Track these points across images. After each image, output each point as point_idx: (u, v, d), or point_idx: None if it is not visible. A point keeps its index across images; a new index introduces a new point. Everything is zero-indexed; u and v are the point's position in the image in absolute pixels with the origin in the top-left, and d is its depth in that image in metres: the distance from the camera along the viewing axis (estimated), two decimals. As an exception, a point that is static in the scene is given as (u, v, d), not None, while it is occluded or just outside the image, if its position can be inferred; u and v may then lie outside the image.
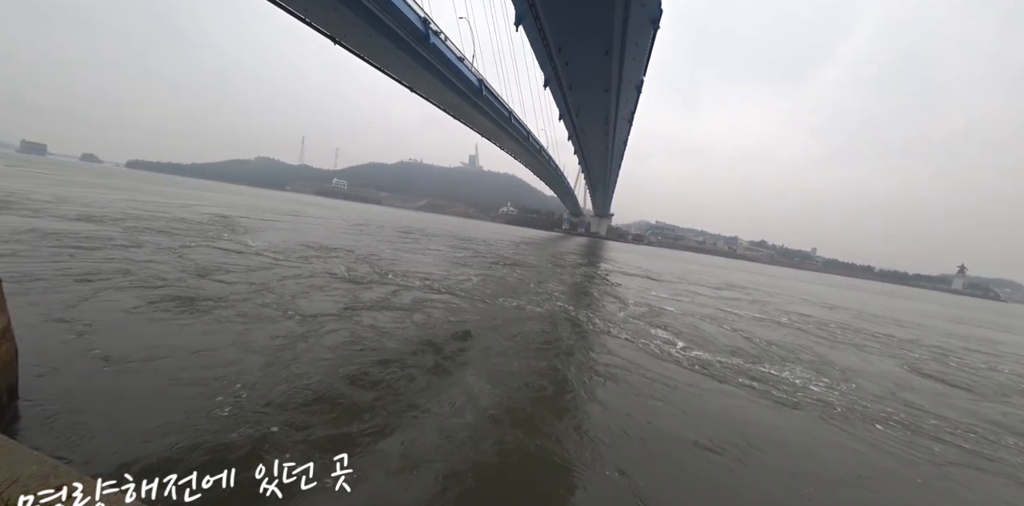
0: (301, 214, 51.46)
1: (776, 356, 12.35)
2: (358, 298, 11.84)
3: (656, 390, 8.18)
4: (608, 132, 60.17)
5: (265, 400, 5.49)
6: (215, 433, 4.63)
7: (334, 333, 8.56)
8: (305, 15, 30.11)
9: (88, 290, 9.06)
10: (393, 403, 5.98)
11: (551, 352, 9.65)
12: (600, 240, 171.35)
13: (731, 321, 17.61)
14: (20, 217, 16.81)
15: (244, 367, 6.37)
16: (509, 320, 12.11)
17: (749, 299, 28.73)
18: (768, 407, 8.31)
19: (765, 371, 10.63)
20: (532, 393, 7.12)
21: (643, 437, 6.19)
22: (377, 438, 5.03)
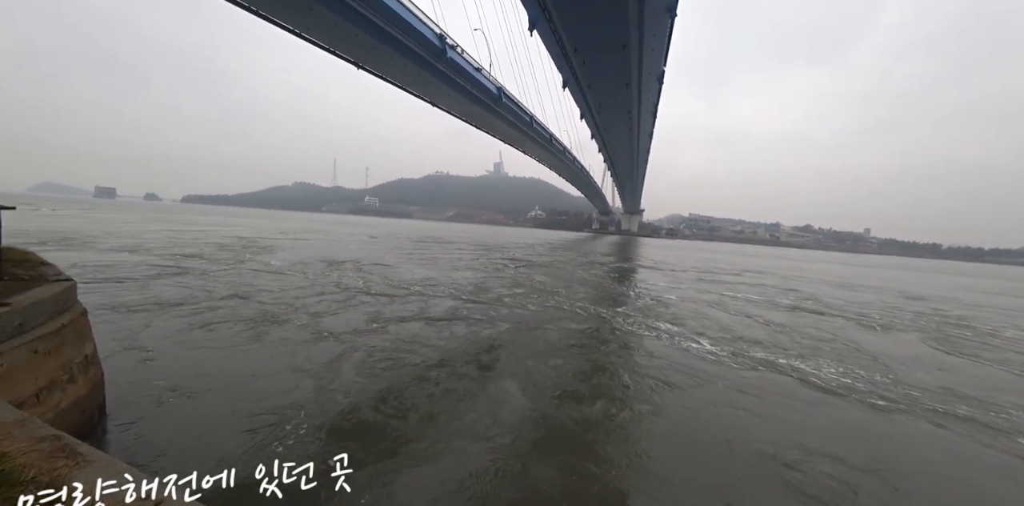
0: (329, 232, 54.13)
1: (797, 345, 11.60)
2: (379, 312, 11.97)
3: (719, 395, 7.72)
4: (632, 127, 59.03)
5: (323, 428, 5.43)
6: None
7: (365, 350, 8.56)
8: (330, 46, 31.56)
9: (141, 317, 9.71)
10: (434, 426, 5.71)
11: (589, 357, 9.41)
12: (632, 237, 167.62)
13: (739, 307, 17.40)
14: (74, 252, 18.57)
15: (296, 395, 6.34)
16: (536, 327, 11.84)
17: (761, 284, 27.68)
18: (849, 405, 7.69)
19: (806, 368, 9.94)
20: (577, 408, 6.58)
21: (733, 459, 5.46)
22: (428, 466, 4.84)
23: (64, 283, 4.54)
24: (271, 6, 25.90)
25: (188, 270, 16.38)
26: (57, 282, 4.52)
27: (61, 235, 25.72)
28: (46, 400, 3.66)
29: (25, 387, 3.42)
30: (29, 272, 4.65)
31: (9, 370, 3.26)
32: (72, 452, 2.20)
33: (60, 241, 22.42)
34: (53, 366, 3.85)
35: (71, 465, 2.10)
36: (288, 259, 22.22)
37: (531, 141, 61.19)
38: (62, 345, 4.05)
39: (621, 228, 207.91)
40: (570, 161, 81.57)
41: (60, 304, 4.23)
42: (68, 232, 28.27)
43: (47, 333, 3.81)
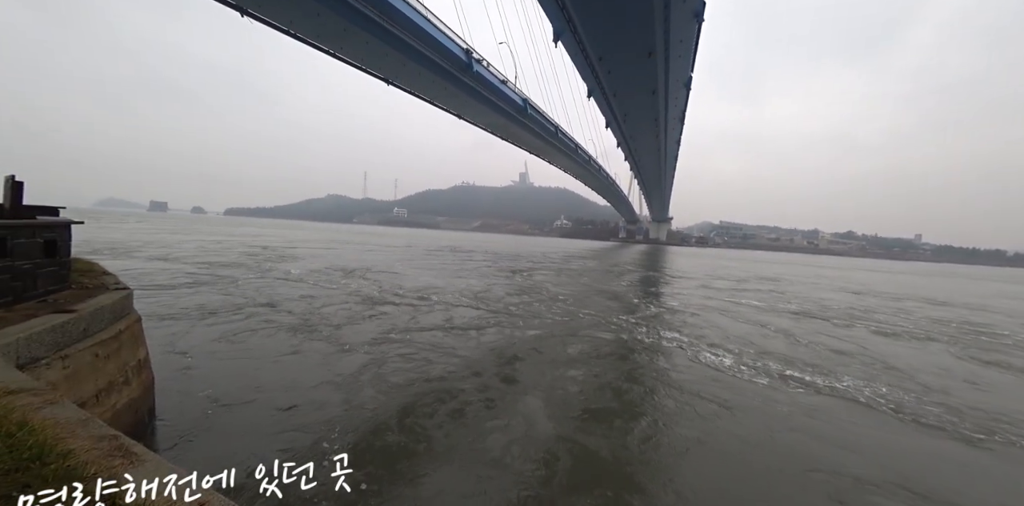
0: (356, 242, 55.91)
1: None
2: (395, 323, 12.04)
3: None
4: (659, 134, 58.28)
5: (353, 441, 5.48)
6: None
7: (386, 361, 8.57)
8: (362, 64, 32.98)
9: (183, 324, 10.20)
10: (458, 451, 5.53)
11: (620, 372, 9.09)
12: (660, 246, 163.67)
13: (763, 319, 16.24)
14: (118, 260, 19.98)
15: (326, 408, 6.39)
16: (562, 337, 11.65)
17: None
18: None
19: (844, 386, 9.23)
20: (609, 432, 6.22)
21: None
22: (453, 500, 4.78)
23: (122, 291, 4.84)
24: (310, 30, 27.39)
25: (220, 278, 17.79)
26: (116, 291, 4.83)
27: (109, 245, 27.91)
28: (104, 400, 3.87)
29: (87, 388, 3.63)
30: (93, 281, 4.99)
31: (74, 371, 3.48)
32: (127, 452, 2.29)
33: (108, 250, 24.35)
34: (111, 369, 4.08)
35: (126, 464, 2.19)
36: (308, 267, 23.69)
37: (556, 151, 61.36)
38: (119, 349, 4.30)
39: (649, 237, 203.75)
40: (595, 170, 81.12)
41: (119, 311, 4.51)
42: (115, 242, 30.96)
43: (107, 338, 4.05)
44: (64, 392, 3.19)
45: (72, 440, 2.27)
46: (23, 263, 4.18)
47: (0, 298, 3.90)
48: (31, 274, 4.26)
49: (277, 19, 26.27)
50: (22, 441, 2.16)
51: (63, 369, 3.44)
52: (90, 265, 5.44)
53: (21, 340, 3.27)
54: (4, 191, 4.36)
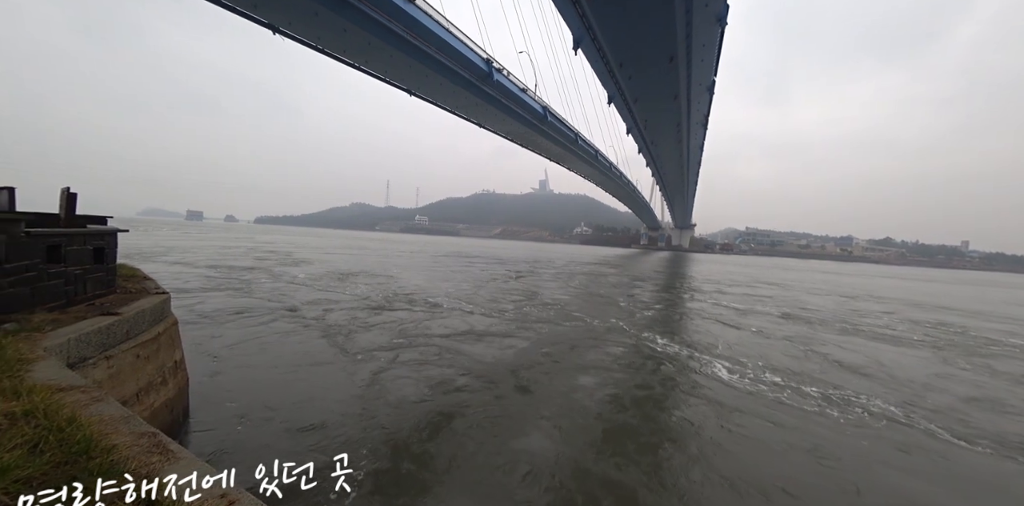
0: (370, 248, 57.22)
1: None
2: (405, 330, 12.18)
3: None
4: (681, 139, 57.50)
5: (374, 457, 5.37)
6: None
7: (399, 372, 8.49)
8: (386, 76, 34.02)
9: (209, 329, 10.55)
10: (469, 484, 5.30)
11: (643, 395, 8.75)
12: (682, 253, 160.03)
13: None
14: (146, 264, 21.31)
15: (344, 431, 6.05)
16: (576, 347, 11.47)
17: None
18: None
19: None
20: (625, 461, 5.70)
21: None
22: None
23: (162, 295, 5.10)
24: (336, 45, 28.48)
25: (236, 281, 19.18)
26: (157, 294, 5.09)
27: (138, 250, 29.69)
28: (144, 399, 4.06)
29: (128, 387, 3.83)
30: (135, 285, 5.27)
31: (118, 371, 3.68)
32: (165, 449, 2.40)
33: (136, 255, 25.92)
34: (151, 369, 4.29)
35: (163, 460, 2.30)
36: (313, 271, 25.10)
37: (577, 158, 61.31)
38: (158, 351, 4.52)
39: (671, 244, 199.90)
40: (616, 176, 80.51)
41: (158, 314, 4.75)
42: (146, 248, 33.16)
43: (147, 340, 4.27)
44: (108, 390, 3.37)
45: (115, 436, 2.40)
46: (75, 269, 4.48)
47: (55, 301, 4.19)
48: (82, 279, 4.56)
49: (306, 36, 27.46)
50: (71, 435, 2.30)
51: (108, 369, 3.65)
52: (133, 270, 5.77)
53: (72, 340, 3.49)
54: (60, 202, 4.69)
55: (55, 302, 4.22)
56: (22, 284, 3.94)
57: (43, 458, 2.13)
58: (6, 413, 2.49)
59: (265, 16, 25.15)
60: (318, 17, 23.83)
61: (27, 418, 2.47)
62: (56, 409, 2.57)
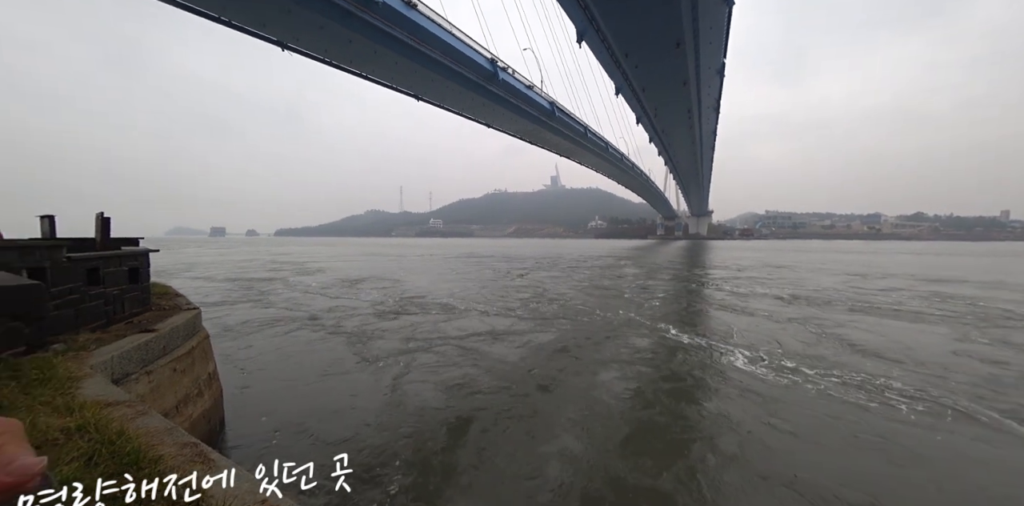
0: (381, 254, 58.10)
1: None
2: (417, 333, 12.33)
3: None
4: (693, 126, 56.36)
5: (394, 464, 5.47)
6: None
7: (417, 377, 8.51)
8: (392, 83, 34.40)
9: (234, 341, 10.91)
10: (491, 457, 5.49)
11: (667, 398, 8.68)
12: (701, 241, 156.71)
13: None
14: (171, 280, 22.55)
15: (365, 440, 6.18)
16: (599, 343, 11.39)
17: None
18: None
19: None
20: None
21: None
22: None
23: (193, 311, 5.34)
24: (343, 56, 28.95)
25: (263, 293, 20.16)
26: (188, 310, 5.32)
27: (162, 268, 31.04)
28: (183, 411, 4.27)
29: (168, 400, 4.03)
30: (168, 302, 5.53)
31: (157, 385, 3.88)
32: (206, 458, 2.53)
33: (162, 273, 27.07)
34: (187, 382, 4.50)
35: (205, 469, 2.42)
36: (324, 279, 25.96)
37: (587, 151, 60.80)
38: (193, 364, 4.73)
39: (688, 232, 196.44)
40: (628, 167, 79.47)
41: (191, 329, 4.97)
42: (169, 265, 34.57)
43: (182, 354, 4.48)
44: (151, 404, 3.56)
45: (161, 447, 2.54)
46: (113, 289, 4.73)
47: (96, 321, 4.43)
48: (120, 299, 4.81)
49: (314, 49, 28.01)
50: (121, 448, 2.45)
51: (149, 383, 3.85)
52: (165, 288, 6.06)
53: (115, 358, 3.70)
54: (95, 226, 4.95)
55: (97, 322, 4.47)
56: (67, 306, 4.18)
57: (98, 470, 2.28)
58: (62, 428, 2.67)
59: (274, 33, 25.78)
60: (324, 30, 24.29)
61: (80, 433, 2.64)
62: (106, 423, 2.73)
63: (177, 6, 22.32)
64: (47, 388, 3.19)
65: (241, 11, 23.23)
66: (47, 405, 2.96)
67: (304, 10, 21.86)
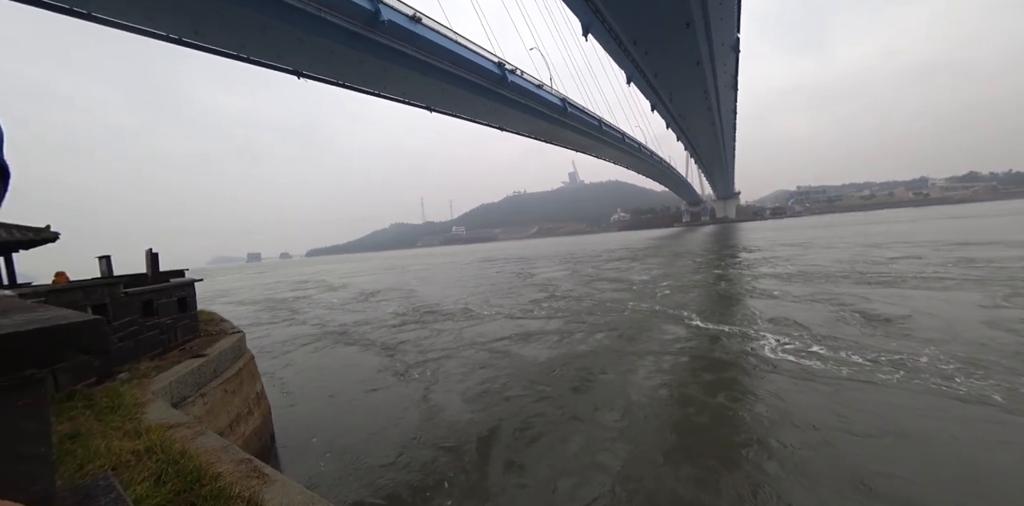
0: (400, 267, 58.73)
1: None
2: (436, 341, 12.50)
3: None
4: (711, 107, 54.54)
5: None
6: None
7: (446, 387, 8.52)
8: (404, 98, 35.13)
9: (272, 361, 11.36)
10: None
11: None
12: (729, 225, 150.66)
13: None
14: (213, 305, 23.82)
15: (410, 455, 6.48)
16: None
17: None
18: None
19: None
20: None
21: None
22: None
23: (238, 334, 5.66)
24: (356, 77, 29.84)
25: (293, 311, 21.02)
26: (233, 334, 5.65)
27: (201, 295, 33.13)
28: (236, 429, 4.54)
29: (222, 420, 4.30)
30: (214, 328, 5.89)
31: (212, 407, 4.14)
32: (261, 473, 2.70)
33: (201, 300, 29.02)
34: (238, 402, 4.78)
35: (261, 484, 2.58)
36: (347, 296, 26.70)
37: (603, 144, 59.94)
38: (241, 384, 5.02)
39: (716, 216, 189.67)
40: (647, 156, 77.75)
41: (237, 351, 5.27)
42: (206, 291, 36.66)
43: (231, 375, 4.77)
44: (207, 424, 3.81)
45: (219, 464, 2.73)
46: (166, 319, 5.09)
47: (154, 350, 4.79)
48: (172, 327, 5.17)
49: (327, 74, 29.04)
50: (184, 467, 2.64)
51: (204, 405, 4.12)
52: (210, 314, 6.45)
53: (173, 383, 3.99)
54: (146, 262, 5.36)
55: (154, 350, 4.82)
56: (128, 338, 4.54)
57: (166, 488, 2.47)
58: (132, 451, 2.91)
59: (289, 63, 26.90)
60: (335, 55, 25.12)
61: (148, 454, 2.87)
62: (169, 444, 2.96)
63: (203, 50, 23.75)
64: (117, 414, 3.48)
65: (257, 47, 24.41)
66: (118, 430, 3.23)
67: (314, 38, 22.70)
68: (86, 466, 2.65)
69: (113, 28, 20.71)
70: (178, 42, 22.57)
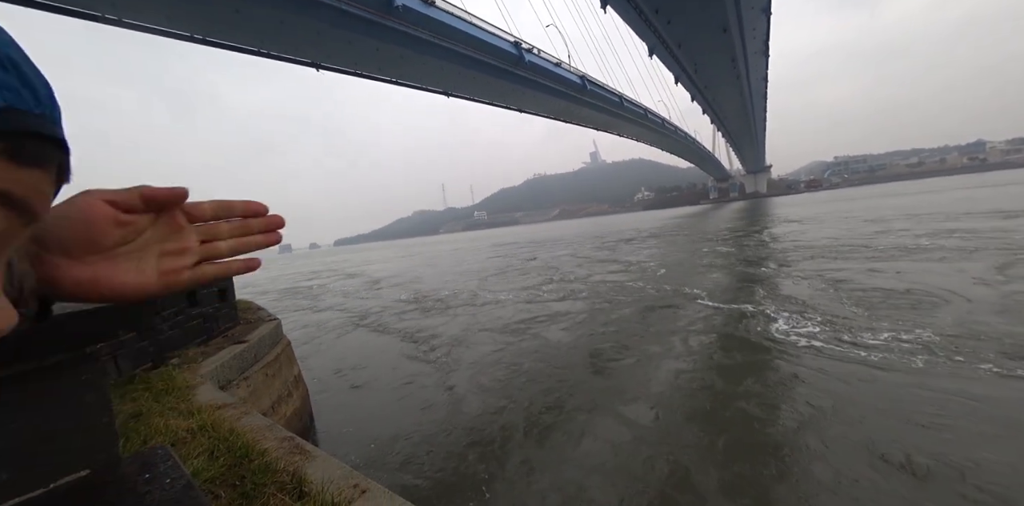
0: (418, 253, 59.32)
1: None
2: (440, 327, 12.49)
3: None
4: (740, 75, 51.67)
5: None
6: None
7: (477, 375, 8.32)
8: (421, 84, 34.95)
9: (301, 349, 11.47)
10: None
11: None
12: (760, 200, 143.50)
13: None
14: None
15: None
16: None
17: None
18: None
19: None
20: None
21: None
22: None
23: (274, 321, 5.98)
24: (372, 65, 29.80)
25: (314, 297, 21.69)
26: (270, 321, 5.97)
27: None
28: (278, 410, 4.86)
29: (264, 401, 4.61)
30: (252, 316, 6.23)
31: (255, 389, 4.45)
32: (302, 450, 2.90)
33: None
34: (278, 385, 5.09)
35: (303, 459, 2.78)
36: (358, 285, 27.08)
37: (624, 121, 58.09)
38: (280, 369, 5.34)
39: (745, 192, 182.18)
40: (671, 132, 74.93)
41: (275, 337, 5.58)
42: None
43: (271, 360, 5.07)
44: (251, 405, 4.10)
45: (264, 442, 2.95)
46: (208, 308, 5.43)
47: (199, 337, 5.15)
48: (214, 316, 5.52)
49: (345, 65, 29.15)
50: (234, 443, 2.87)
51: (247, 387, 4.43)
52: (248, 303, 6.83)
53: (218, 367, 4.29)
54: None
55: (200, 338, 5.18)
56: (176, 327, 4.89)
57: (219, 462, 2.71)
58: (187, 429, 3.18)
59: (307, 56, 27.13)
60: (352, 45, 25.12)
61: (201, 432, 3.14)
62: (219, 423, 3.21)
63: (223, 48, 24.23)
64: (171, 396, 3.78)
65: (276, 42, 24.68)
66: (174, 410, 3.53)
67: (333, 30, 22.73)
68: (148, 441, 2.92)
69: (139, 31, 21.36)
70: (200, 42, 23.09)
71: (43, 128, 0.22)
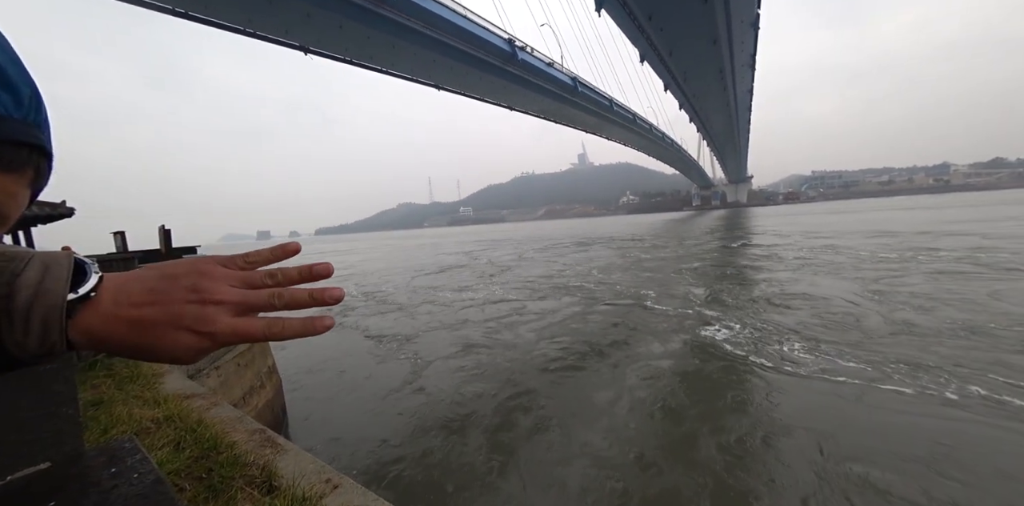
0: (402, 246, 58.58)
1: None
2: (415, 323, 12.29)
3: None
4: (726, 87, 52.85)
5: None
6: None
7: (442, 371, 8.02)
8: (413, 75, 34.47)
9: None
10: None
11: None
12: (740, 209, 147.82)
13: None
14: None
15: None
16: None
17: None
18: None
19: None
20: None
21: None
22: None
23: (249, 310, 5.82)
24: (363, 53, 29.25)
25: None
26: (245, 309, 5.80)
27: None
28: (249, 401, 4.72)
29: (236, 392, 4.47)
30: (227, 303, 6.03)
31: (226, 379, 4.31)
32: (273, 443, 2.82)
33: None
34: (250, 375, 4.95)
35: (274, 453, 2.71)
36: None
37: (613, 125, 58.71)
38: (254, 358, 5.19)
39: (727, 201, 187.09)
40: (658, 138, 76.14)
41: (249, 326, 5.42)
42: None
43: (244, 349, 4.92)
44: (221, 396, 3.97)
45: (234, 434, 2.85)
46: (178, 294, 5.23)
47: (168, 324, 4.95)
48: (185, 303, 5.31)
49: (334, 50, 28.49)
50: (201, 435, 2.77)
51: (218, 377, 4.29)
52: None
53: (187, 356, 4.13)
54: (159, 237, 5.46)
55: (169, 325, 4.98)
56: (142, 312, 4.69)
57: (185, 454, 2.61)
58: (152, 419, 3.05)
59: (296, 39, 26.39)
60: (343, 30, 24.55)
61: (167, 422, 3.01)
62: (187, 414, 3.09)
63: (209, 24, 23.30)
64: (136, 384, 3.63)
65: (264, 22, 23.91)
66: (138, 398, 3.38)
67: (323, 12, 22.16)
68: (110, 431, 2.79)
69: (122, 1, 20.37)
70: (184, 16, 22.17)
71: (20, 134, 0.21)
